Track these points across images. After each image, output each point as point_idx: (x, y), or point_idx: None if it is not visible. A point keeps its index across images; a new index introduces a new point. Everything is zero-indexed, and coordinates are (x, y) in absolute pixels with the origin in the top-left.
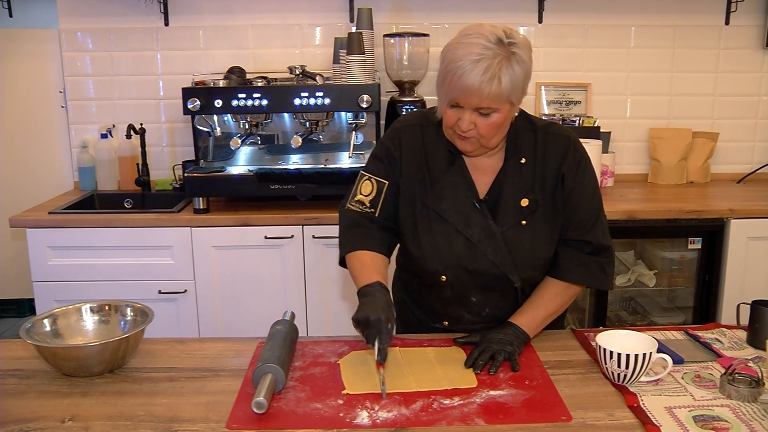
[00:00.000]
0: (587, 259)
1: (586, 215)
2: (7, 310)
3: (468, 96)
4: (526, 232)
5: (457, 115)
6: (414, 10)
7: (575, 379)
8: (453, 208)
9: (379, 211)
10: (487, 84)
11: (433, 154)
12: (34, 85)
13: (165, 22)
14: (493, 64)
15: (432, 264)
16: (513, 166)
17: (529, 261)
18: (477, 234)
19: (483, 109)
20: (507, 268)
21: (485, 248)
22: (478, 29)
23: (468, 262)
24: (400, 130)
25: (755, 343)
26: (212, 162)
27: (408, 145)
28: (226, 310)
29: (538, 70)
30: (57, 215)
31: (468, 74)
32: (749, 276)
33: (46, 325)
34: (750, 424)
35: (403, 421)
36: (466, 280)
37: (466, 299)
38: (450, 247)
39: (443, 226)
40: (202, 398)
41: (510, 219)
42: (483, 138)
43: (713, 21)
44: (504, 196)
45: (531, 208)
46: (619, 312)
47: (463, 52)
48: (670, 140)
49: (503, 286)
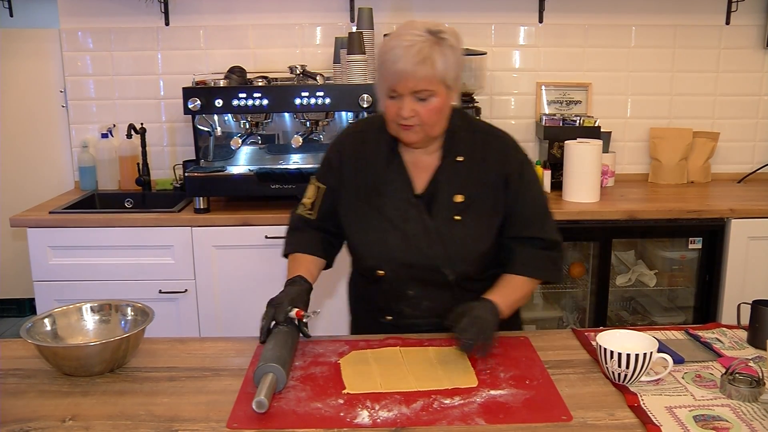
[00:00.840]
0: (540, 254)
1: (536, 213)
2: (7, 310)
3: (404, 80)
4: (460, 227)
5: (398, 104)
6: (414, 10)
7: (576, 379)
8: (390, 204)
9: (316, 214)
10: (420, 66)
11: (373, 154)
12: (35, 85)
13: (165, 22)
14: (424, 48)
15: (370, 259)
16: (450, 164)
17: (461, 255)
18: (412, 228)
19: (420, 92)
20: (440, 262)
21: (419, 243)
22: (408, 25)
23: (403, 256)
24: (341, 139)
25: (756, 343)
26: (213, 162)
27: (348, 151)
28: (226, 309)
29: (539, 70)
30: (57, 215)
31: (401, 59)
32: (750, 276)
33: (46, 324)
34: (750, 424)
35: (404, 420)
36: (402, 274)
37: (403, 293)
38: (386, 242)
39: (381, 221)
40: (202, 398)
41: (444, 214)
42: (426, 125)
43: (714, 21)
44: (439, 192)
45: (465, 204)
46: (620, 312)
47: (394, 42)
48: (670, 140)
49: (438, 280)
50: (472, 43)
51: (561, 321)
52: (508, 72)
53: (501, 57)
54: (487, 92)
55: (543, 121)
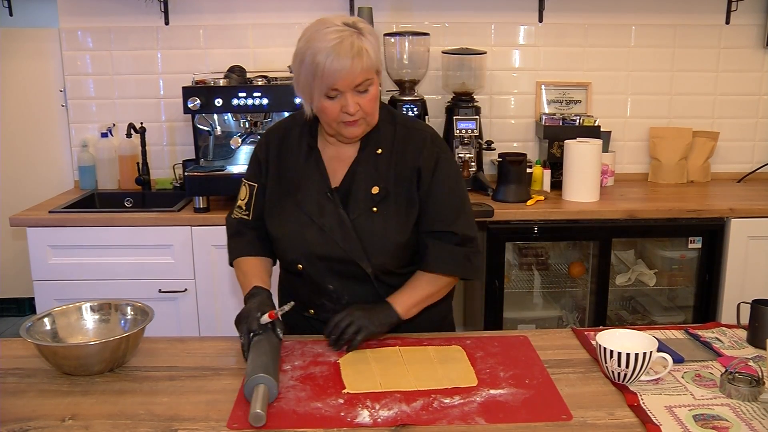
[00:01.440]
0: (453, 249)
1: (449, 207)
2: (7, 309)
3: (346, 77)
4: (377, 219)
5: (339, 103)
6: (414, 9)
7: (575, 378)
8: (308, 198)
9: (252, 213)
10: (357, 59)
11: (294, 151)
12: (35, 84)
13: (165, 21)
14: (354, 41)
15: (290, 253)
16: (368, 156)
17: (378, 247)
18: (328, 222)
19: (360, 86)
20: (356, 255)
21: (335, 236)
22: (323, 22)
23: (320, 249)
24: (267, 135)
25: (755, 342)
26: (212, 161)
27: (273, 147)
28: (226, 308)
29: (539, 69)
30: (57, 214)
31: (338, 57)
32: (749, 275)
33: (46, 324)
34: (750, 423)
35: (404, 419)
36: (320, 267)
37: (323, 287)
38: (304, 236)
39: (299, 216)
40: (202, 397)
41: (361, 206)
42: (369, 116)
43: (714, 20)
44: (356, 184)
45: (381, 195)
46: (620, 311)
47: (320, 44)
48: (670, 139)
49: (356, 273)
50: (472, 42)
51: (561, 320)
52: (507, 71)
53: (501, 56)
54: (486, 92)
55: (543, 120)
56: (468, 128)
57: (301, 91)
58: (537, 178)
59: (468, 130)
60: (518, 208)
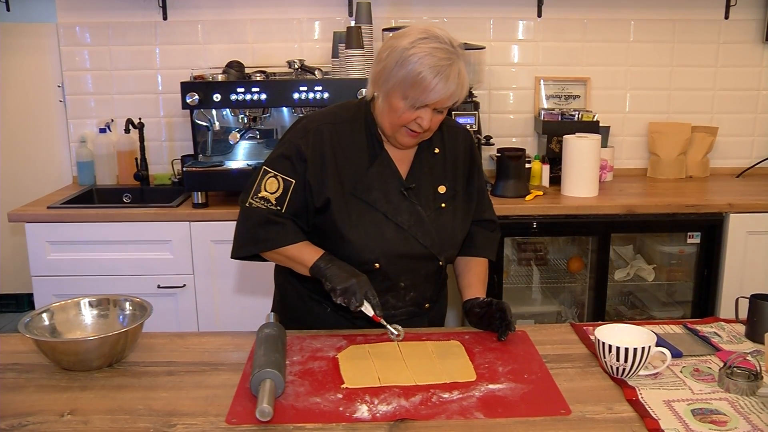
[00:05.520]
0: (492, 236)
1: (486, 197)
2: (5, 305)
3: (443, 100)
4: (447, 215)
5: (416, 113)
6: (413, 4)
7: (574, 373)
8: (383, 198)
9: (285, 209)
10: (459, 89)
11: (354, 149)
12: (32, 80)
13: (163, 16)
14: (461, 69)
15: (366, 253)
16: (428, 156)
17: (450, 241)
18: (406, 220)
19: (443, 108)
20: (435, 249)
21: (415, 232)
22: (428, 31)
23: (399, 247)
24: (310, 129)
25: (754, 337)
26: (211, 156)
27: (321, 143)
28: (225, 304)
29: (537, 65)
30: (56, 210)
31: (445, 81)
32: (748, 270)
33: (44, 319)
34: (748, 417)
35: (403, 414)
36: (397, 265)
37: (396, 284)
38: (382, 235)
39: (374, 215)
40: (201, 392)
41: (431, 204)
42: (429, 131)
43: (713, 15)
44: (423, 183)
45: (448, 194)
46: (618, 306)
47: (431, 59)
48: (669, 135)
49: (429, 268)
50: (470, 37)
51: (559, 315)
52: (506, 66)
53: (499, 51)
54: (485, 87)
55: (542, 115)
56: (467, 123)
57: (380, 83)
58: (536, 174)
59: (467, 125)
60: (517, 203)
